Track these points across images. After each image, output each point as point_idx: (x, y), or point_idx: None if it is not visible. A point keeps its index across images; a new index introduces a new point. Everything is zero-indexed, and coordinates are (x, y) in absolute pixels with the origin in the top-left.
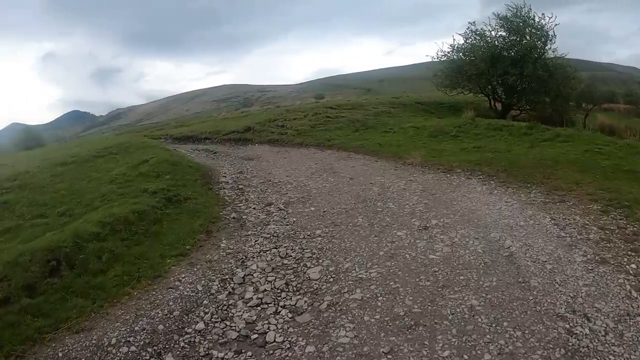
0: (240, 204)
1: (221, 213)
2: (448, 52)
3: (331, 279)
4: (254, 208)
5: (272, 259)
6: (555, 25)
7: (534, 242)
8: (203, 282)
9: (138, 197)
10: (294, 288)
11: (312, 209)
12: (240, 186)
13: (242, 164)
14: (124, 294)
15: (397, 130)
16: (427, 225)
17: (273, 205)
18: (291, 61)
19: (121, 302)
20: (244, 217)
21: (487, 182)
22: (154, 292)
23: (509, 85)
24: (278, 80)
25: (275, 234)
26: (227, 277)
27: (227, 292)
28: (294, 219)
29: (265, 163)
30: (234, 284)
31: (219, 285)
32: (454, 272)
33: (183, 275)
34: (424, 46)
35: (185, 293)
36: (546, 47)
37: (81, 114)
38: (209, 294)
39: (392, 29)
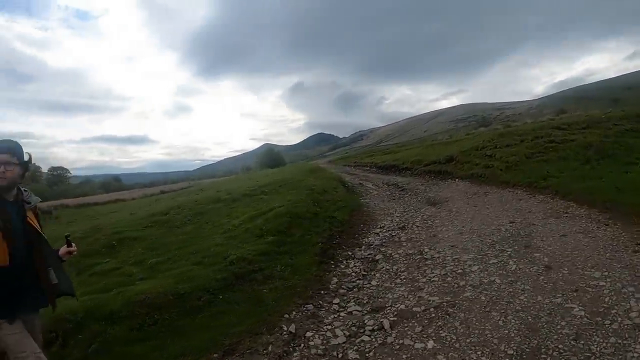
0: (337, 299)
1: (285, 317)
2: None
3: None
4: (347, 315)
5: None
6: None
7: None
8: None
9: (211, 266)
10: None
11: (431, 345)
12: (377, 257)
13: (415, 213)
14: None
15: None
16: None
17: (376, 317)
18: (529, 75)
19: None
20: (310, 335)
21: None
22: None
23: None
24: (516, 97)
25: None
26: None
27: None
28: None
29: (444, 214)
30: None
31: None
32: None
33: None
34: None
35: None
36: None
37: (326, 136)
38: None
39: (637, 26)
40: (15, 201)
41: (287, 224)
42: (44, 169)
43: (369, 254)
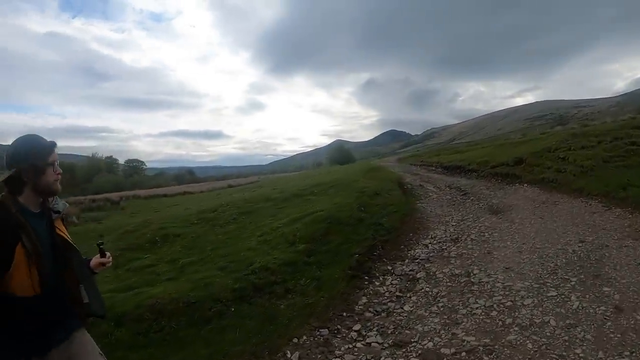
0: (358, 325)
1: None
2: None
3: None
4: (364, 346)
5: None
6: None
7: None
8: None
9: (233, 273)
10: None
11: None
12: (418, 274)
13: (473, 222)
14: None
15: None
16: None
17: (396, 356)
18: (608, 70)
19: None
20: None
21: None
22: None
23: None
24: (595, 94)
25: None
26: None
27: None
28: None
29: (505, 225)
30: None
31: None
32: None
33: None
34: None
35: None
36: None
37: (398, 133)
38: None
39: None
40: (41, 212)
41: (324, 230)
42: (121, 160)
43: (410, 270)
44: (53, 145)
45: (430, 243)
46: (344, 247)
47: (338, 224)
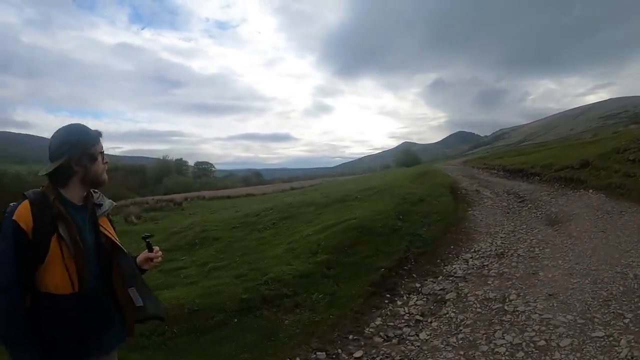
0: (360, 351)
1: None
2: None
3: None
4: None
5: None
6: None
7: None
8: None
9: (248, 282)
10: None
11: None
12: (448, 295)
13: (525, 234)
14: None
15: None
16: None
17: None
18: None
19: None
20: None
21: None
22: None
23: None
24: None
25: None
26: None
27: None
28: None
29: (561, 239)
30: None
31: None
32: None
33: None
34: None
35: None
36: None
37: (466, 134)
38: None
39: None
40: (84, 205)
41: (352, 240)
42: (190, 163)
43: (440, 290)
44: (99, 134)
45: (471, 258)
46: (371, 260)
47: (369, 234)
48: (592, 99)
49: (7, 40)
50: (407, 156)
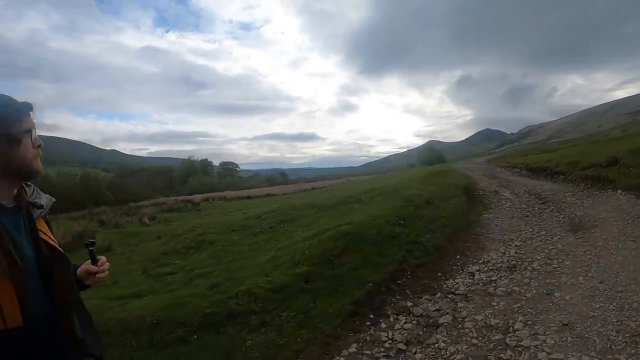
0: None
1: None
2: None
3: None
4: None
5: None
6: None
7: None
8: None
9: (219, 294)
10: None
11: None
12: (442, 319)
13: (543, 243)
14: None
15: None
16: None
17: None
18: None
19: None
20: None
21: None
22: None
23: None
24: None
25: None
26: None
27: None
28: None
29: (583, 250)
30: None
31: None
32: None
33: None
34: None
35: None
36: None
37: (493, 132)
38: None
39: None
40: (17, 207)
41: (340, 249)
42: (216, 163)
43: (435, 311)
44: (28, 107)
45: (478, 271)
46: (358, 273)
47: (360, 242)
48: (620, 94)
49: (35, 45)
50: (432, 155)
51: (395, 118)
